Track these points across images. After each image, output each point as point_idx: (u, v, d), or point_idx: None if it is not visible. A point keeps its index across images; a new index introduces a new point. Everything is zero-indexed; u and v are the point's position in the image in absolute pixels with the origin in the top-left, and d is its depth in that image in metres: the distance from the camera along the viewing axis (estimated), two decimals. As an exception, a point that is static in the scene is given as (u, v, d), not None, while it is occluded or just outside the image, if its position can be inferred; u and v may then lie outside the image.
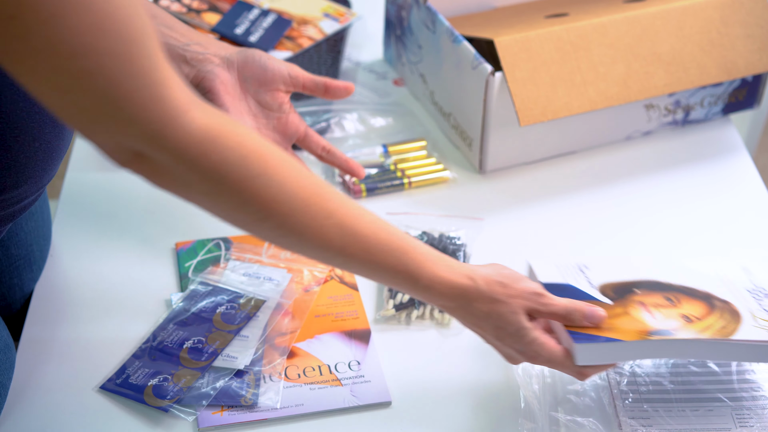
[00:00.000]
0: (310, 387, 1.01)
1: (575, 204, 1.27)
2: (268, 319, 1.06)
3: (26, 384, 1.01)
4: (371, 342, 1.06)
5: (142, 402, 0.98)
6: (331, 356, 1.04)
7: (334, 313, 1.09)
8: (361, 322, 1.08)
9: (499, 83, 1.21)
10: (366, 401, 1.00)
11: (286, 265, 1.13)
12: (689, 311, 0.97)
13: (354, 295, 1.11)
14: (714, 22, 1.28)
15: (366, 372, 1.02)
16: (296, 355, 1.04)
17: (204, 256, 1.15)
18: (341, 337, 1.06)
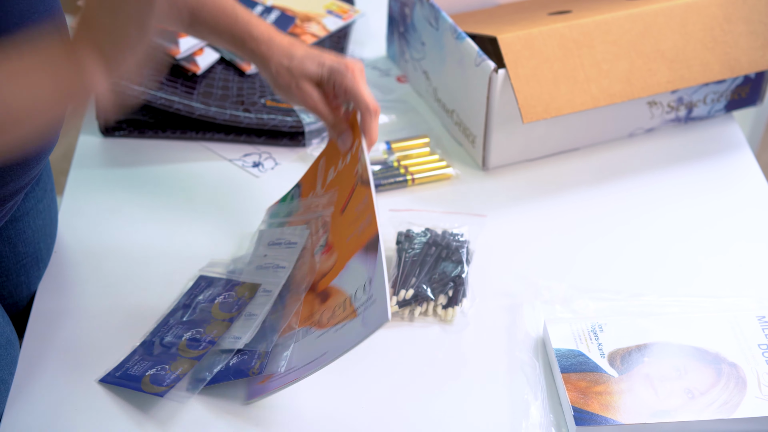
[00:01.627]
0: (335, 329, 0.98)
1: (578, 201, 1.27)
2: (275, 298, 1.06)
3: (29, 380, 1.01)
4: (380, 249, 0.98)
5: (140, 390, 0.98)
6: (353, 283, 1.00)
7: (359, 228, 1.03)
8: (372, 227, 1.01)
9: (502, 80, 1.21)
10: (371, 329, 0.95)
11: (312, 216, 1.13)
12: (694, 384, 1.00)
13: (368, 195, 1.04)
14: (717, 19, 1.28)
15: (374, 290, 0.97)
16: (330, 296, 1.01)
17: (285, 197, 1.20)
18: (361, 254, 1.01)
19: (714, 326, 1.06)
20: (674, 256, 1.19)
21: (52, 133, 0.99)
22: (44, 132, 0.93)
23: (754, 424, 0.97)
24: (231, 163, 1.31)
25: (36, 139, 0.88)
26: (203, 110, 1.31)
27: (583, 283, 1.14)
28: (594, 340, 1.04)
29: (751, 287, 1.15)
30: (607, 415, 0.96)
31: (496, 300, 1.12)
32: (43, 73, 0.81)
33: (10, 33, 0.89)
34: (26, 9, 0.90)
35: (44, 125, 0.86)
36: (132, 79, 0.87)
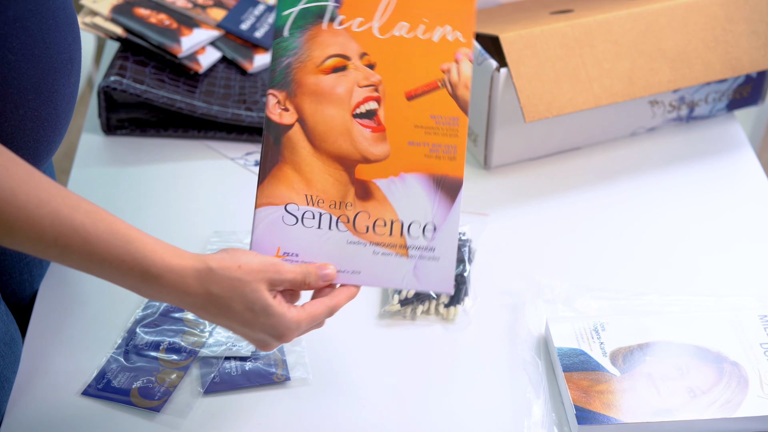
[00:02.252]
0: (374, 249, 0.93)
1: (580, 200, 1.27)
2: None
3: (32, 377, 1.01)
4: (457, 201, 0.94)
5: (130, 404, 0.99)
6: (410, 210, 0.93)
7: (431, 144, 0.94)
8: (457, 165, 0.94)
9: (504, 79, 1.22)
10: (427, 287, 0.93)
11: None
12: (696, 383, 1.00)
13: (461, 121, 0.94)
14: (718, 19, 1.29)
15: (438, 244, 0.93)
16: (373, 197, 0.94)
17: (309, 2, 0.97)
18: (428, 182, 0.94)
19: (716, 325, 1.06)
20: (676, 255, 1.19)
21: (56, 137, 1.00)
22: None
23: (755, 423, 0.97)
24: (233, 161, 1.31)
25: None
26: (205, 109, 1.31)
27: (585, 282, 1.14)
28: (596, 338, 1.04)
29: (753, 286, 1.15)
30: (609, 414, 0.96)
31: (498, 299, 1.12)
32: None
33: (26, 20, 0.89)
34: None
35: None
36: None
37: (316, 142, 0.94)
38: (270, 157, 0.94)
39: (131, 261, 0.82)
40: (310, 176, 0.94)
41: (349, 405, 1.00)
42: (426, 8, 0.96)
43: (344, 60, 0.95)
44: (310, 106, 0.95)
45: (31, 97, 0.92)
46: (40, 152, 0.97)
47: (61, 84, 0.95)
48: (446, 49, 0.95)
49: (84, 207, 0.82)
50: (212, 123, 1.33)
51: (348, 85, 0.95)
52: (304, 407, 1.00)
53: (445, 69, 0.95)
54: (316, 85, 0.95)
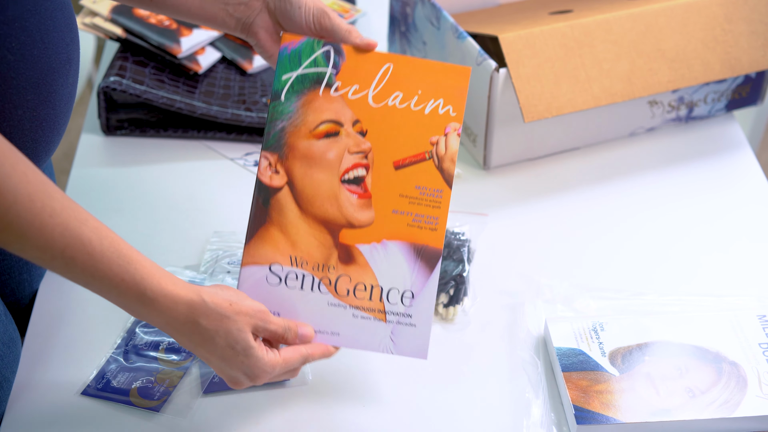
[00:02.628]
0: (353, 312, 0.96)
1: (579, 200, 1.27)
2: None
3: (31, 378, 1.01)
4: (435, 270, 0.96)
5: (129, 404, 0.99)
6: (389, 276, 0.96)
7: (414, 215, 0.97)
8: (437, 237, 0.96)
9: (504, 79, 1.22)
10: (402, 352, 0.95)
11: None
12: (695, 383, 1.00)
13: (444, 194, 0.97)
14: (718, 19, 1.29)
15: (415, 311, 0.96)
16: (355, 262, 0.96)
17: (308, 69, 0.99)
18: (409, 251, 0.96)
19: (715, 325, 1.06)
20: (675, 255, 1.19)
21: (55, 136, 1.00)
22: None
23: (754, 422, 0.97)
24: (232, 162, 1.31)
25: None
26: (205, 109, 1.31)
27: (584, 282, 1.14)
28: (595, 338, 1.04)
29: (752, 286, 1.15)
30: (608, 414, 0.97)
31: (498, 299, 1.12)
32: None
33: (25, 20, 0.89)
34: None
35: None
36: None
37: (303, 205, 0.97)
38: (258, 217, 0.96)
39: (130, 281, 0.85)
40: (295, 238, 0.97)
41: (349, 405, 1.00)
42: (421, 80, 0.99)
43: (337, 126, 0.98)
44: (300, 169, 0.97)
45: (29, 96, 0.92)
46: (38, 152, 0.97)
47: (60, 84, 0.95)
48: (436, 121, 0.98)
49: (91, 223, 0.83)
50: (212, 123, 1.34)
51: (338, 151, 0.97)
52: (303, 407, 1.00)
53: (434, 141, 0.98)
54: (307, 149, 0.97)
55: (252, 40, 1.04)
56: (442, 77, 0.99)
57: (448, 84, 0.98)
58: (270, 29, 1.03)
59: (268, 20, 1.03)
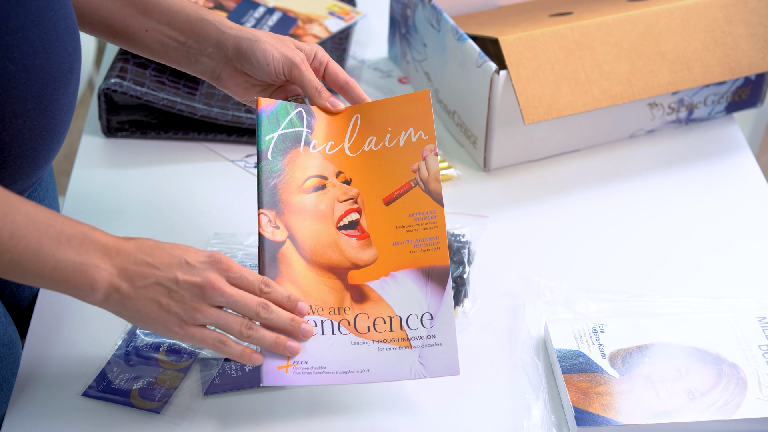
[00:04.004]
0: (378, 346, 0.96)
1: (579, 202, 1.27)
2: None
3: (31, 379, 1.01)
4: (448, 286, 0.97)
5: (130, 405, 0.99)
6: (405, 304, 0.97)
7: (414, 241, 0.99)
8: (441, 255, 0.97)
9: (504, 81, 1.22)
10: (434, 373, 0.95)
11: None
12: (695, 384, 1.00)
13: (438, 213, 0.99)
14: (718, 21, 1.29)
15: (437, 331, 0.96)
16: (368, 299, 0.98)
17: (286, 129, 1.02)
18: (418, 276, 0.97)
19: (715, 327, 1.06)
20: (675, 256, 1.20)
21: (54, 145, 1.00)
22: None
23: (754, 424, 0.97)
24: (233, 164, 1.31)
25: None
26: (205, 111, 1.31)
27: (584, 284, 1.14)
28: (595, 340, 1.04)
29: (752, 288, 1.15)
30: (608, 416, 0.97)
31: (498, 300, 1.12)
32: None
33: (28, 30, 0.89)
34: (43, 5, 0.91)
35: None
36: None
37: (308, 256, 0.98)
38: (268, 272, 0.97)
39: (71, 231, 0.85)
40: (307, 288, 0.97)
41: (349, 407, 1.01)
42: (388, 117, 1.03)
43: (323, 180, 1.01)
44: (297, 223, 0.99)
45: (30, 106, 0.93)
46: (38, 161, 0.97)
47: (60, 93, 0.96)
48: (413, 149, 1.01)
49: (30, 202, 0.85)
50: (212, 125, 1.34)
51: (329, 202, 1.00)
52: (303, 408, 1.00)
53: (415, 169, 1.01)
54: (300, 204, 1.00)
55: (222, 89, 1.07)
56: (405, 108, 1.03)
57: (413, 112, 1.02)
58: (239, 80, 1.06)
59: (234, 72, 1.05)
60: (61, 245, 0.85)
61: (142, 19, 1.05)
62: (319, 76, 1.06)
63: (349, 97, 1.06)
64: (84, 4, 1.04)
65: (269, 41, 1.03)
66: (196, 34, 1.04)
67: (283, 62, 1.02)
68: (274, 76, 1.03)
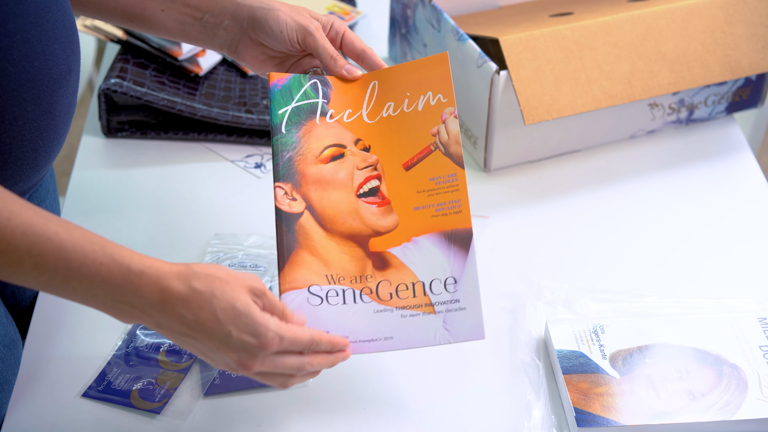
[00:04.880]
0: (401, 313, 0.95)
1: (580, 202, 1.27)
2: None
3: (32, 380, 1.01)
4: (471, 249, 0.96)
5: (130, 406, 0.99)
6: (428, 269, 0.96)
7: (436, 205, 0.97)
8: (463, 218, 0.96)
9: (504, 82, 1.22)
10: (459, 338, 0.95)
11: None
12: (696, 385, 1.00)
13: (459, 176, 0.98)
14: (718, 22, 1.29)
15: (462, 295, 0.95)
16: (391, 266, 0.97)
17: (300, 101, 1.01)
18: (440, 240, 0.96)
19: (715, 328, 1.06)
20: (675, 257, 1.19)
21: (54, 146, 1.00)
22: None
23: (755, 425, 0.97)
24: (233, 164, 1.31)
25: None
26: (205, 111, 1.31)
27: (584, 284, 1.14)
28: (596, 341, 1.04)
29: (752, 289, 1.15)
30: (608, 417, 0.97)
31: (498, 301, 1.12)
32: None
33: (27, 33, 0.89)
34: (42, 7, 0.91)
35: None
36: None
37: (327, 226, 0.97)
38: (286, 244, 0.96)
39: (110, 262, 0.81)
40: (327, 258, 0.97)
41: (349, 408, 1.01)
42: (406, 82, 1.01)
43: (341, 148, 1.00)
44: (316, 193, 0.98)
45: (30, 108, 0.93)
46: (38, 162, 0.98)
47: (60, 95, 0.96)
48: (432, 113, 1.00)
49: (56, 219, 0.81)
50: (212, 125, 1.34)
51: (348, 170, 0.99)
52: (304, 410, 1.00)
53: (435, 132, 0.99)
54: (318, 174, 0.99)
55: (241, 62, 1.06)
56: (423, 72, 1.01)
57: (431, 75, 1.01)
58: (255, 52, 1.05)
59: (251, 44, 1.04)
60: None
61: (157, 0, 1.04)
62: (336, 46, 1.04)
63: (367, 65, 1.04)
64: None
65: (283, 9, 1.02)
66: (211, 8, 1.03)
67: (297, 30, 1.01)
68: (288, 44, 1.02)
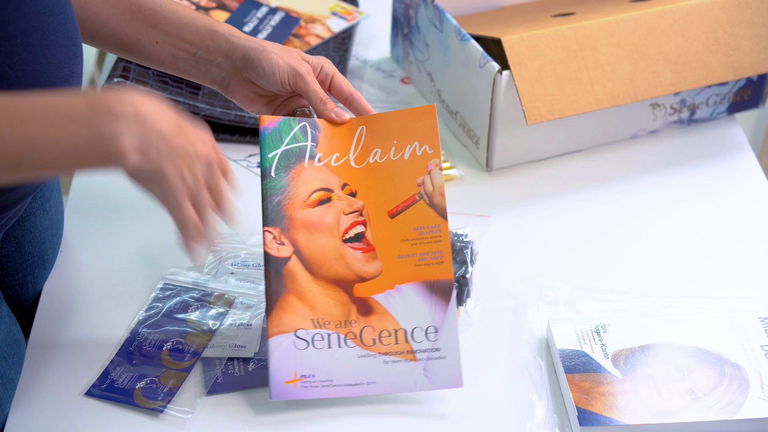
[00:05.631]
0: (384, 359, 0.98)
1: (581, 202, 1.27)
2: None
3: (35, 379, 1.02)
4: (452, 300, 0.99)
5: (134, 404, 0.99)
6: (410, 317, 0.99)
7: (419, 254, 1.00)
8: (445, 269, 0.99)
9: (506, 82, 1.22)
10: (438, 385, 0.98)
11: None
12: (698, 384, 1.00)
13: (442, 227, 1.00)
14: (720, 22, 1.29)
15: (442, 344, 0.98)
16: (374, 312, 0.99)
17: (289, 145, 1.03)
18: (422, 289, 0.99)
19: (717, 327, 1.06)
20: (677, 257, 1.20)
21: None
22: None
23: (756, 425, 0.97)
24: (236, 163, 1.31)
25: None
26: (208, 110, 1.31)
27: (586, 284, 1.14)
28: (598, 340, 1.04)
29: (754, 288, 1.15)
30: (610, 416, 0.97)
31: (500, 300, 1.12)
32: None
33: (27, 36, 0.89)
34: (43, 10, 0.91)
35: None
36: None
37: (313, 270, 1.00)
38: (274, 288, 0.98)
39: (71, 94, 0.82)
40: (313, 302, 0.99)
41: (352, 407, 1.01)
42: (393, 130, 1.03)
43: (328, 192, 1.02)
44: (303, 238, 1.00)
45: None
46: None
47: None
48: (418, 163, 1.02)
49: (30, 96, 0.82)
50: (215, 124, 1.34)
51: (334, 215, 1.01)
52: (305, 408, 1.00)
53: (420, 182, 1.01)
54: (305, 218, 1.01)
55: (231, 98, 1.08)
56: (410, 121, 1.03)
57: (418, 125, 1.03)
58: (246, 90, 1.06)
59: (242, 82, 1.06)
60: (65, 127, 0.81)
61: (152, 32, 1.05)
62: (325, 88, 1.06)
63: (354, 109, 1.06)
64: (94, 19, 1.05)
65: (276, 51, 1.03)
66: (206, 44, 1.04)
67: (288, 72, 1.03)
68: (279, 85, 1.04)
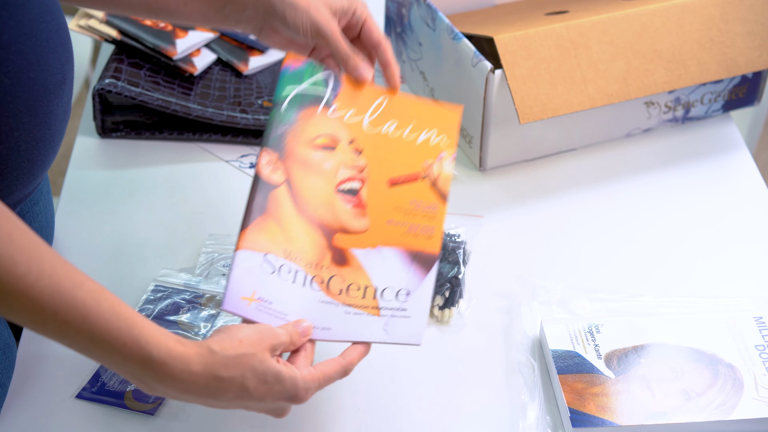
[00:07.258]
0: (345, 310, 0.95)
1: (575, 201, 1.27)
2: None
3: (26, 383, 1.01)
4: (432, 270, 0.97)
5: (125, 407, 0.98)
6: (384, 277, 0.96)
7: (409, 224, 0.99)
8: (433, 243, 0.98)
9: (499, 81, 1.22)
10: (395, 339, 0.95)
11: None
12: (691, 385, 1.00)
13: (438, 208, 1.00)
14: (714, 19, 1.28)
15: (410, 305, 0.96)
16: (348, 264, 0.96)
17: (307, 87, 1.01)
18: (404, 256, 0.97)
19: (711, 327, 1.06)
20: (671, 256, 1.19)
21: (50, 155, 1.00)
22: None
23: (751, 425, 0.97)
24: (228, 164, 1.31)
25: None
26: (200, 111, 1.31)
27: (580, 284, 1.14)
28: (591, 341, 1.04)
29: (749, 288, 1.15)
30: (603, 417, 0.96)
31: (493, 301, 1.12)
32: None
33: (21, 43, 0.89)
34: (35, 18, 0.91)
35: None
36: None
37: (299, 205, 0.97)
38: (256, 207, 0.95)
39: (133, 345, 0.80)
40: (290, 233, 0.96)
41: (345, 408, 1.00)
42: (415, 114, 1.04)
43: (334, 141, 1.00)
44: (298, 173, 0.98)
45: (25, 119, 0.93)
46: (34, 171, 0.98)
47: (55, 104, 0.96)
48: (430, 149, 1.02)
49: (87, 285, 0.79)
50: (207, 125, 1.33)
51: (335, 163, 0.99)
52: (299, 410, 1.00)
53: (428, 165, 1.01)
54: (305, 156, 0.98)
55: (267, 44, 1.07)
56: (435, 113, 1.03)
57: (442, 118, 1.03)
58: (279, 38, 1.05)
59: (273, 31, 1.05)
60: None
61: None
62: (355, 32, 1.04)
63: (378, 57, 1.04)
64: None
65: (301, 5, 1.01)
66: (232, 1, 1.03)
67: (311, 29, 1.01)
68: (304, 40, 1.02)
